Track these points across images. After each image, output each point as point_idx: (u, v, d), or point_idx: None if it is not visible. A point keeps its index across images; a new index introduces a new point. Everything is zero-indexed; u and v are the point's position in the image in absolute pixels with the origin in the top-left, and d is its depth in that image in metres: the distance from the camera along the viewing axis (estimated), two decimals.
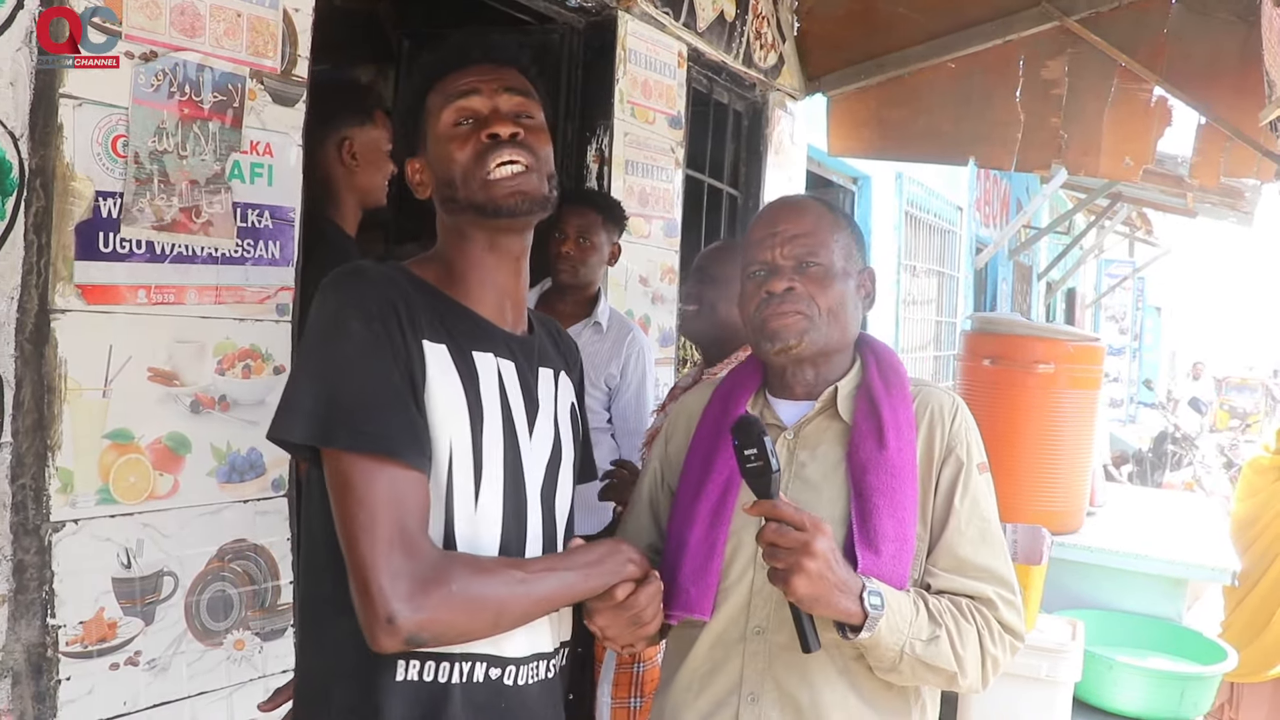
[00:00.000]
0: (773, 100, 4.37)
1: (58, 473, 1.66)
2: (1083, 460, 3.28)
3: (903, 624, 1.30)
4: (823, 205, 1.53)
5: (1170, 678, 2.71)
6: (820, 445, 1.46)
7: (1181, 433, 10.21)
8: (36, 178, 1.62)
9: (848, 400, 1.47)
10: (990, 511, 1.45)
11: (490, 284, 1.31)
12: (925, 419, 1.45)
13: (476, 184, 1.26)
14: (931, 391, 1.49)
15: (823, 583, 1.24)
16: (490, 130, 1.26)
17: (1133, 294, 17.82)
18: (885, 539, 1.35)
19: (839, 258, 1.47)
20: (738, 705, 1.40)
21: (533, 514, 1.30)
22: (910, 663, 1.31)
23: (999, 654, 1.38)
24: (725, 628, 1.43)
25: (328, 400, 1.16)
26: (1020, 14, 4.13)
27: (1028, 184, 10.52)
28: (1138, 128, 4.16)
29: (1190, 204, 7.65)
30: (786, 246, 1.45)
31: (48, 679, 1.66)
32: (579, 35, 3.29)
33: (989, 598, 1.39)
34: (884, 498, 1.37)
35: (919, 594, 1.36)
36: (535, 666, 1.30)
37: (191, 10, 1.80)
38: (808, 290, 1.43)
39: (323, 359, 1.19)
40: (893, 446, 1.40)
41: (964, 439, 1.45)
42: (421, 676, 1.20)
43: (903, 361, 1.56)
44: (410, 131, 1.34)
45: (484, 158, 1.25)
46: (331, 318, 1.20)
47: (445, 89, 1.30)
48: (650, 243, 3.53)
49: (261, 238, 1.94)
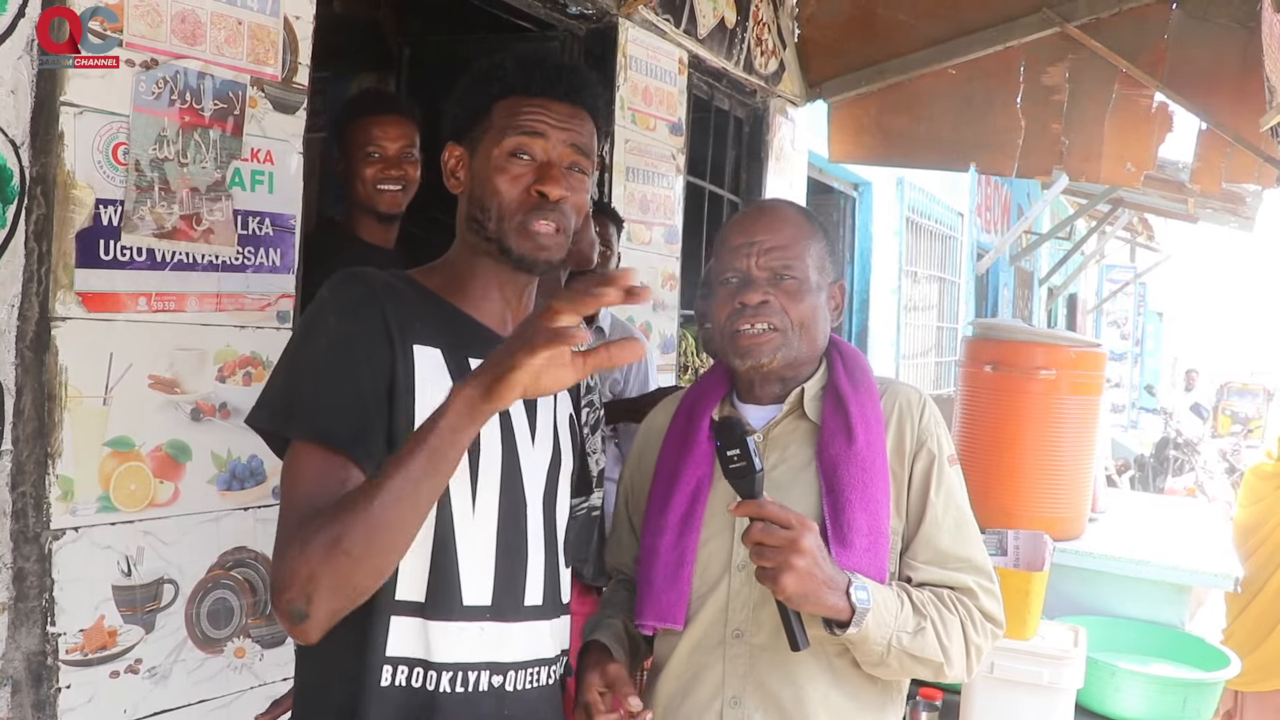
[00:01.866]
0: (773, 106, 4.37)
1: (58, 480, 1.66)
2: (1084, 466, 3.27)
3: (889, 617, 1.32)
4: (801, 214, 1.53)
5: (1173, 684, 2.70)
6: (789, 446, 1.47)
7: (1183, 438, 10.20)
8: (37, 185, 1.63)
9: (815, 401, 1.48)
10: (964, 501, 1.47)
11: (495, 298, 1.32)
12: (894, 414, 1.47)
13: (510, 229, 1.26)
14: (899, 387, 1.51)
15: (811, 579, 1.25)
16: (542, 187, 1.25)
17: (1134, 299, 17.83)
18: (858, 532, 1.37)
19: (813, 270, 1.47)
20: (721, 709, 1.41)
21: (533, 519, 1.29)
22: (898, 655, 1.33)
23: (982, 642, 1.40)
24: (704, 633, 1.44)
25: (289, 390, 1.18)
26: (1021, 20, 4.13)
27: (1029, 189, 10.52)
28: (1139, 133, 4.16)
29: (1191, 209, 7.66)
30: (763, 257, 1.45)
31: (48, 687, 1.66)
32: (580, 42, 3.29)
33: (969, 587, 1.41)
34: (856, 491, 1.39)
35: (902, 587, 1.38)
36: (536, 672, 1.30)
37: (192, 18, 1.80)
38: (781, 303, 1.44)
39: (294, 353, 1.22)
40: (861, 441, 1.42)
41: (934, 432, 1.47)
42: (410, 682, 1.19)
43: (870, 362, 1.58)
44: (464, 119, 1.31)
45: (526, 210, 1.25)
46: (312, 315, 1.23)
47: (517, 109, 1.27)
48: (651, 249, 3.53)
49: (262, 245, 1.94)
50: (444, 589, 1.20)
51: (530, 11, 3.09)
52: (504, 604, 1.25)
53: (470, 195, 1.30)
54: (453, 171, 1.33)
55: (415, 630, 1.20)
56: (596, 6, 3.16)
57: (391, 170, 2.36)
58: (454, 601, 1.21)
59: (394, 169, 2.37)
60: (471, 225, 1.29)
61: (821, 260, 1.49)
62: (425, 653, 1.20)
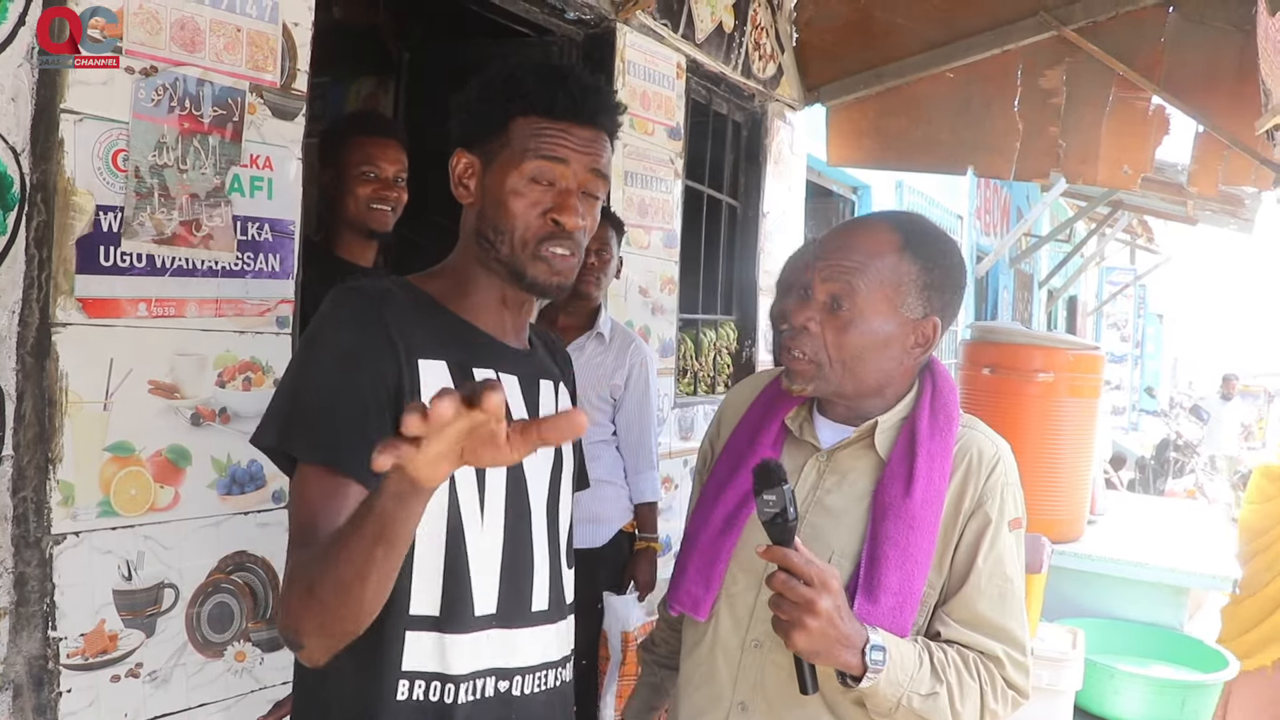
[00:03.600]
0: (772, 110, 4.38)
1: (59, 485, 1.67)
2: (1083, 469, 3.28)
3: (903, 677, 1.28)
4: (899, 237, 1.39)
5: (1172, 686, 2.71)
6: (850, 474, 1.42)
7: (1183, 440, 10.20)
8: (38, 192, 1.63)
9: (887, 433, 1.41)
10: (1014, 571, 1.39)
11: (498, 309, 1.31)
12: (962, 467, 1.39)
13: (523, 254, 1.24)
14: (975, 437, 1.43)
15: (824, 639, 1.23)
16: (559, 217, 1.23)
17: (1134, 301, 17.82)
18: (887, 591, 1.33)
19: (883, 303, 1.36)
20: (728, 710, 1.42)
21: (537, 526, 1.29)
22: (905, 713, 1.30)
23: (999, 709, 1.36)
24: (727, 634, 1.44)
25: (292, 408, 1.18)
26: (1018, 24, 4.14)
27: (1028, 192, 10.53)
28: (1136, 136, 4.17)
29: (1191, 211, 7.66)
30: (828, 278, 1.37)
31: (49, 691, 1.66)
32: (578, 47, 3.30)
33: (998, 656, 1.36)
34: (895, 549, 1.34)
35: (925, 645, 1.33)
36: (543, 675, 1.30)
37: (191, 25, 1.81)
38: (826, 335, 1.37)
39: (297, 370, 1.22)
40: (919, 496, 1.35)
41: (998, 494, 1.38)
42: (428, 696, 1.19)
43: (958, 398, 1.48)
44: (478, 129, 1.27)
45: (540, 236, 1.24)
46: (314, 330, 1.22)
47: (538, 131, 1.23)
48: (650, 253, 3.54)
49: (261, 251, 1.95)
50: (458, 601, 1.20)
51: (528, 17, 3.10)
52: (510, 611, 1.25)
53: (482, 212, 1.27)
54: (462, 180, 1.29)
55: (431, 644, 1.19)
56: (594, 12, 3.17)
57: (387, 191, 2.43)
58: (467, 612, 1.21)
59: (389, 190, 2.43)
60: (482, 243, 1.27)
61: (904, 290, 1.37)
62: (442, 666, 1.19)
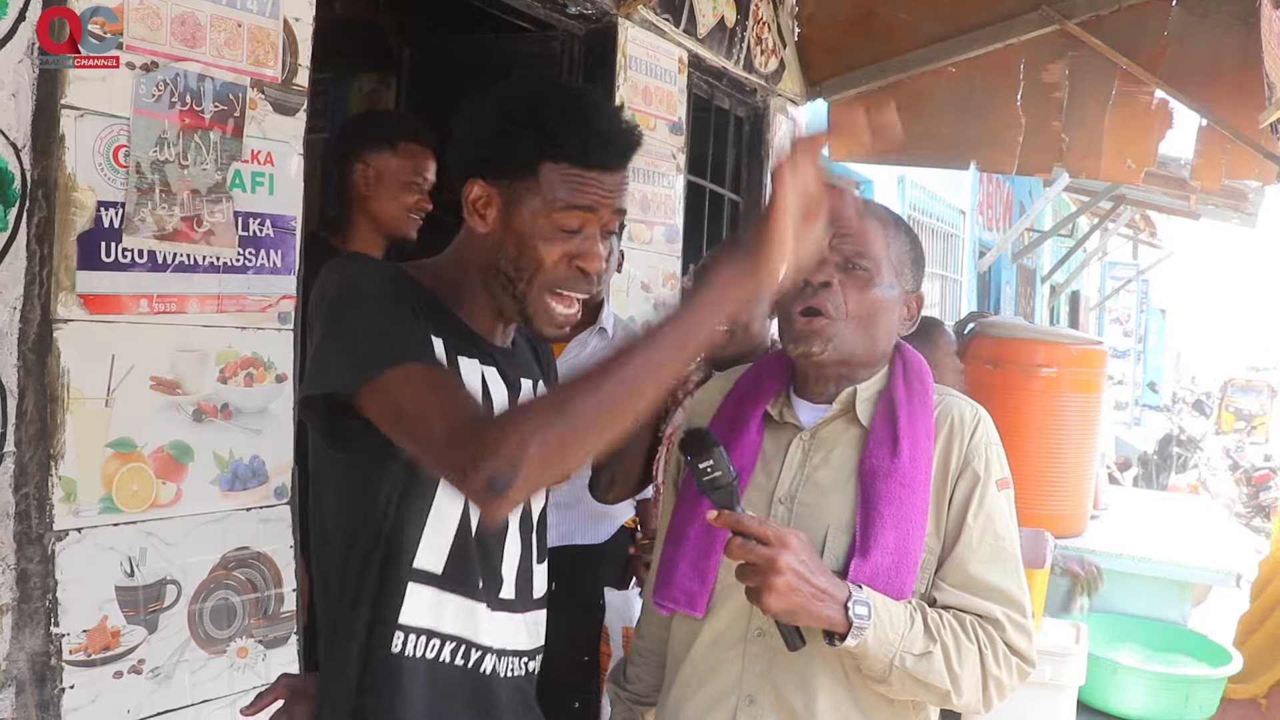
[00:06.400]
0: (774, 105, 4.37)
1: (61, 482, 1.67)
2: (1085, 464, 3.28)
3: (893, 635, 1.27)
4: (890, 216, 1.49)
5: (1176, 680, 2.71)
6: (835, 449, 1.43)
7: (1186, 435, 10.20)
8: (39, 188, 1.63)
9: (867, 404, 1.43)
10: (1006, 529, 1.39)
11: (490, 316, 1.32)
12: (945, 429, 1.42)
13: (540, 295, 1.26)
14: (954, 401, 1.46)
15: (796, 596, 1.22)
16: (583, 264, 1.25)
17: (1137, 296, 17.81)
18: (883, 550, 1.32)
19: (889, 269, 1.43)
20: (735, 705, 1.39)
21: (511, 516, 1.31)
22: (900, 676, 1.29)
23: (1003, 676, 1.34)
24: (727, 627, 1.42)
25: (355, 344, 1.15)
26: (1020, 18, 4.13)
27: (1030, 187, 10.51)
28: (1139, 130, 4.16)
29: (1193, 206, 7.64)
30: (839, 244, 1.41)
31: (51, 687, 1.66)
32: (579, 42, 3.29)
33: (996, 618, 1.35)
34: (890, 506, 1.34)
35: (918, 606, 1.33)
36: (511, 661, 1.32)
37: (192, 21, 1.81)
38: (846, 292, 1.40)
39: (342, 316, 1.17)
40: (906, 455, 1.37)
41: (983, 453, 1.41)
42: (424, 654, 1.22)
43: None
44: (500, 163, 1.24)
45: (564, 279, 1.25)
46: (348, 283, 1.20)
47: (569, 179, 1.23)
48: (652, 249, 3.53)
49: (263, 246, 1.95)
50: (463, 562, 1.24)
51: (530, 12, 3.10)
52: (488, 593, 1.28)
53: (502, 248, 1.26)
54: (478, 209, 1.26)
55: (430, 598, 1.22)
56: (596, 6, 3.16)
57: (426, 202, 2.47)
58: (471, 579, 1.25)
59: (426, 202, 2.48)
60: (499, 277, 1.27)
61: (901, 263, 1.45)
62: (435, 623, 1.23)
